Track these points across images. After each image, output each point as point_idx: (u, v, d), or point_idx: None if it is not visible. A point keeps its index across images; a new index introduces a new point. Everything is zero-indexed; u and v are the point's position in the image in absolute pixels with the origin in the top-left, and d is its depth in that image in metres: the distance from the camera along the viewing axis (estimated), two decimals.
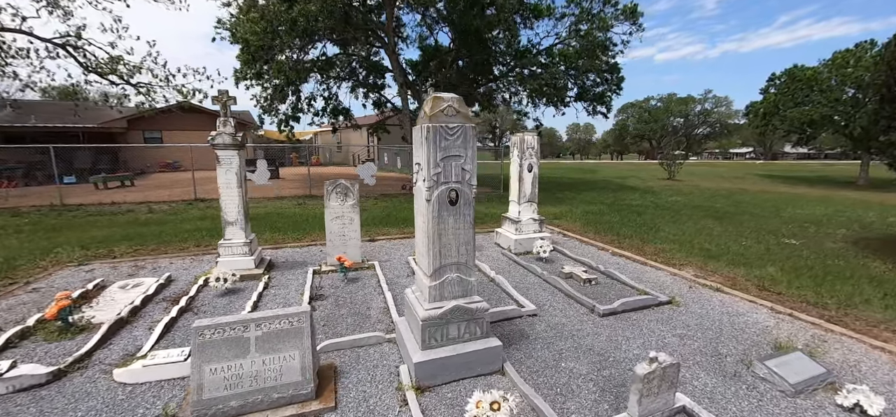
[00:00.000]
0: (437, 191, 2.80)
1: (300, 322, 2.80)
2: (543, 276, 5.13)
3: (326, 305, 4.36)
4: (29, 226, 8.32)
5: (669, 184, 20.48)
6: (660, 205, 12.42)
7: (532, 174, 6.45)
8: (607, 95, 17.34)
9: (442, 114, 2.75)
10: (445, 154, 2.77)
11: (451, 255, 2.91)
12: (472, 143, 2.82)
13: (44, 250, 6.35)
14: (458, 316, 2.92)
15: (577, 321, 3.93)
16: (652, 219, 9.52)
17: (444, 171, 2.79)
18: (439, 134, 2.73)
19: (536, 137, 6.39)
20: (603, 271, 5.38)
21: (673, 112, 65.71)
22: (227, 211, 5.15)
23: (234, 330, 2.71)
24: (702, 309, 4.25)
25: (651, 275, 5.38)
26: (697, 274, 5.39)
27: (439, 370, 2.85)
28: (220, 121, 4.95)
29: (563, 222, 9.27)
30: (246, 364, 2.66)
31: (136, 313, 4.13)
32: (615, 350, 3.37)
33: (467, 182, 2.86)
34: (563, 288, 4.66)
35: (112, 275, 5.34)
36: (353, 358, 3.28)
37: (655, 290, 4.71)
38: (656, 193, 15.88)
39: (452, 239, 2.90)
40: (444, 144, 2.75)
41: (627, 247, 6.82)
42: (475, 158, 2.86)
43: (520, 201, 6.47)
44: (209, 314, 4.20)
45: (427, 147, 2.73)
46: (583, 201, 13.18)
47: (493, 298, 4.50)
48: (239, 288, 4.82)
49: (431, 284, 2.91)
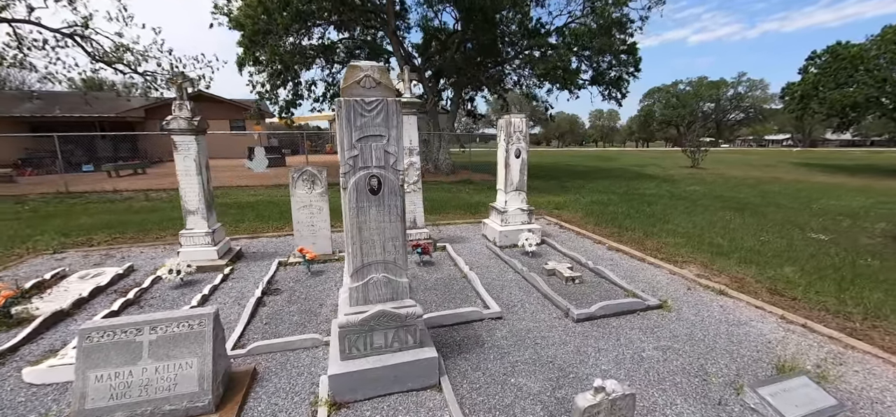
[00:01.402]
0: (353, 177, 2.38)
1: (201, 325, 2.47)
2: (522, 273, 4.65)
3: (278, 301, 4.05)
4: (28, 213, 8.45)
5: (692, 172, 19.27)
6: (676, 194, 11.56)
7: (520, 160, 5.91)
8: (624, 79, 16.32)
9: (357, 86, 2.31)
10: (362, 134, 2.34)
11: (375, 252, 2.50)
12: (396, 121, 2.37)
13: (26, 237, 6.34)
14: (384, 322, 2.51)
15: (545, 326, 3.45)
16: (662, 210, 8.78)
17: (361, 154, 2.36)
18: (353, 110, 2.30)
19: (524, 120, 5.84)
20: (592, 268, 4.85)
21: (703, 96, 62.35)
22: (186, 200, 4.90)
23: (126, 334, 2.40)
24: (697, 315, 3.68)
25: (647, 274, 4.81)
26: (700, 274, 4.78)
27: (360, 384, 2.46)
28: (176, 104, 4.66)
29: (565, 212, 8.67)
30: (136, 372, 2.35)
31: (80, 306, 3.93)
32: (580, 365, 2.89)
33: (392, 167, 2.42)
34: (540, 287, 4.17)
35: (82, 264, 5.22)
36: (280, 363, 2.94)
37: (647, 292, 4.16)
38: (674, 182, 14.89)
39: (376, 234, 2.48)
40: (360, 122, 2.32)
41: (627, 241, 6.22)
42: (401, 139, 2.41)
43: (506, 190, 5.96)
44: (155, 307, 3.97)
45: (340, 126, 2.30)
46: (592, 190, 12.45)
47: (459, 297, 4.07)
48: (196, 279, 4.57)
49: (353, 285, 2.51)
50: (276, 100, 13.58)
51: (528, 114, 7.54)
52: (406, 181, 5.52)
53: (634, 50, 15.16)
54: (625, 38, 15.01)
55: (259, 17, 10.49)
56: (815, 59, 23.07)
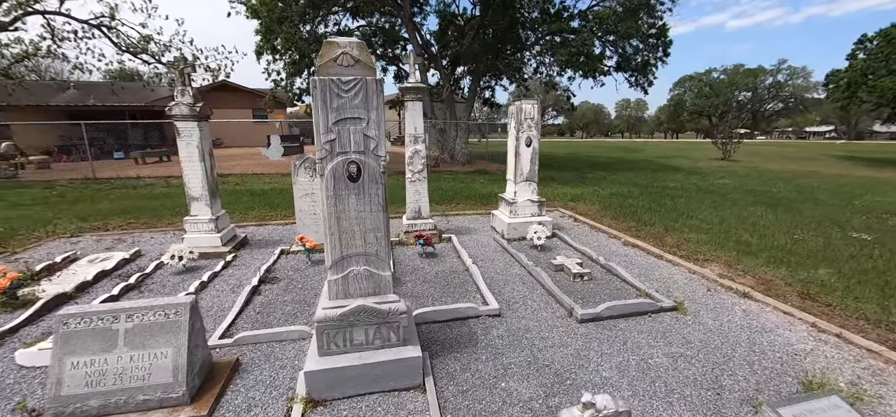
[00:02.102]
0: (331, 163, 2.22)
1: (178, 315, 2.39)
2: (527, 267, 4.42)
3: (274, 290, 3.98)
4: (55, 198, 8.81)
5: (723, 164, 18.28)
6: (703, 188, 10.93)
7: (531, 149, 5.63)
8: (651, 65, 15.50)
9: (334, 65, 2.14)
10: (339, 116, 2.17)
11: (354, 244, 2.34)
12: (376, 103, 2.19)
13: (47, 221, 6.57)
14: (364, 317, 2.36)
15: (546, 326, 3.23)
16: (686, 204, 8.28)
17: (339, 139, 2.19)
18: (329, 90, 2.12)
19: (536, 106, 5.54)
20: (603, 264, 4.56)
21: (738, 85, 59.14)
22: (190, 186, 4.91)
23: (103, 321, 2.35)
24: (716, 320, 3.37)
25: (663, 272, 4.48)
26: (723, 274, 4.41)
27: (339, 381, 2.33)
28: (178, 90, 4.64)
29: (581, 205, 8.31)
30: (112, 360, 2.30)
31: (83, 289, 3.99)
32: (579, 370, 2.66)
33: (372, 152, 2.25)
34: (545, 284, 3.94)
35: (94, 248, 5.34)
36: (264, 354, 2.85)
37: (662, 292, 3.86)
38: (703, 175, 14.13)
39: (356, 225, 2.32)
40: (336, 104, 2.15)
41: (645, 236, 5.86)
42: (382, 122, 2.23)
43: (516, 180, 5.70)
44: (155, 292, 3.98)
45: (316, 107, 2.14)
46: (613, 182, 11.94)
47: (458, 291, 3.89)
48: (198, 266, 4.58)
49: (332, 278, 2.37)
50: (291, 89, 13.64)
51: (551, 103, 7.15)
52: (411, 169, 5.36)
53: (664, 32, 14.35)
54: (654, 21, 14.22)
55: (275, 4, 10.48)
56: (864, 44, 21.33)
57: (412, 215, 5.55)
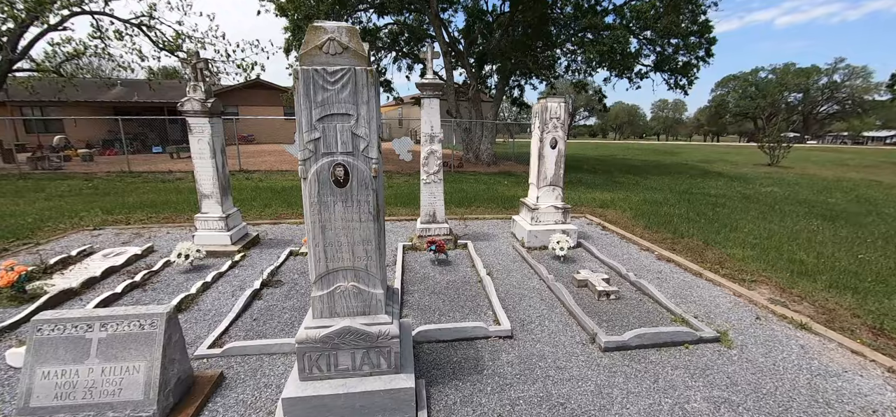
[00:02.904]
0: (315, 165, 1.95)
1: (153, 326, 2.20)
2: (547, 281, 4.03)
3: (276, 294, 3.80)
4: (89, 190, 9.16)
5: (770, 170, 16.92)
6: (748, 196, 10.03)
7: (556, 151, 5.21)
8: (692, 65, 14.50)
9: (319, 53, 1.87)
10: (325, 112, 1.89)
11: (341, 257, 2.07)
12: (367, 96, 1.90)
13: (74, 213, 6.77)
14: (350, 340, 2.09)
15: (564, 353, 2.85)
16: (730, 215, 7.56)
17: (324, 138, 1.92)
18: (313, 82, 1.86)
19: (563, 105, 5.12)
20: (632, 281, 4.10)
21: (788, 86, 55.24)
22: (201, 183, 4.83)
23: (76, 329, 2.20)
24: (768, 357, 2.87)
25: (703, 293, 3.97)
26: (774, 299, 3.85)
27: (319, 411, 2.07)
28: (191, 85, 4.56)
29: (611, 211, 7.76)
30: (83, 372, 2.14)
31: (90, 285, 3.96)
32: (600, 412, 2.28)
33: (363, 154, 1.96)
34: (565, 301, 3.54)
35: (112, 242, 5.40)
36: (252, 368, 2.64)
37: (701, 318, 3.38)
38: (748, 181, 13.06)
39: (343, 235, 2.04)
40: (321, 97, 1.88)
41: (682, 250, 5.30)
42: (374, 119, 1.94)
43: (539, 184, 5.29)
44: (159, 291, 3.89)
45: (298, 101, 1.88)
46: (647, 187, 11.21)
47: (468, 306, 3.56)
48: (205, 264, 4.49)
49: (316, 294, 2.10)
50: None
51: (583, 103, 6.68)
52: (427, 171, 5.08)
53: (707, 29, 13.36)
54: (696, 17, 13.28)
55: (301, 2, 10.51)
56: None
57: (426, 219, 5.26)
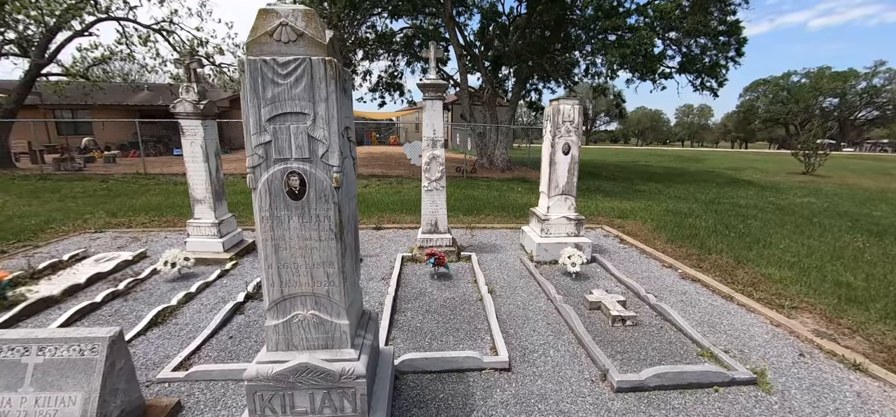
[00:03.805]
0: (265, 173, 1.65)
1: (94, 351, 1.95)
2: (555, 302, 3.63)
3: (259, 308, 3.54)
4: (102, 192, 9.25)
5: (805, 180, 15.87)
6: (782, 207, 9.30)
7: (569, 157, 4.81)
8: (720, 66, 13.74)
9: (269, 40, 1.57)
10: (276, 110, 1.59)
11: (298, 281, 1.76)
12: (325, 93, 1.59)
13: (78, 215, 6.76)
14: (309, 378, 1.77)
15: (569, 393, 2.46)
16: (763, 228, 6.93)
17: (276, 141, 1.62)
18: (262, 75, 1.56)
19: (577, 107, 4.71)
20: (652, 304, 3.65)
21: (824, 90, 52.52)
22: (194, 188, 4.65)
23: (12, 352, 1.96)
24: (816, 407, 2.41)
25: (735, 321, 3.49)
26: (820, 330, 3.34)
27: None
28: (183, 86, 4.39)
29: (630, 222, 7.25)
30: (15, 401, 1.90)
31: (73, 293, 3.80)
32: None
33: (322, 160, 1.65)
34: (574, 327, 3.14)
35: (108, 245, 5.30)
36: (215, 397, 2.36)
37: (734, 353, 2.93)
38: (781, 191, 12.21)
39: (300, 256, 1.73)
40: (271, 93, 1.58)
41: (709, 268, 4.80)
42: (336, 120, 1.62)
43: (550, 193, 4.89)
44: (141, 301, 3.70)
45: (244, 97, 1.59)
46: (670, 196, 10.58)
47: (464, 328, 3.21)
48: (194, 273, 4.29)
49: (270, 323, 1.80)
50: None
51: (603, 108, 6.30)
52: (428, 177, 4.77)
53: (737, 29, 12.61)
54: (725, 17, 12.56)
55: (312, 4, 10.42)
56: None
57: (428, 228, 4.94)
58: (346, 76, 1.75)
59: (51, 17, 12.92)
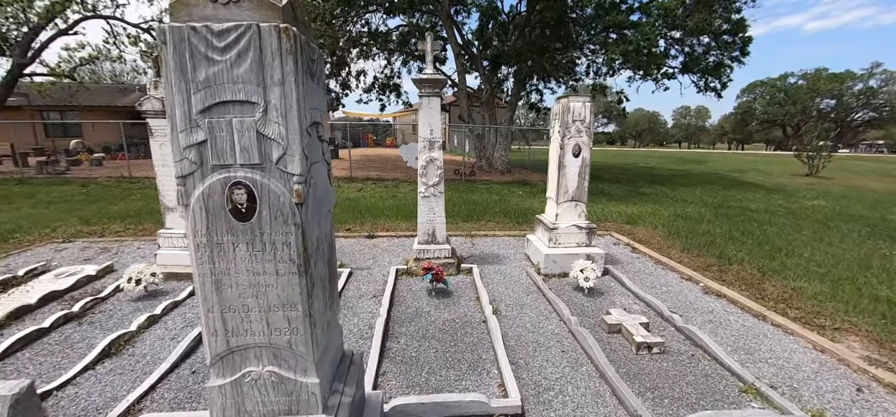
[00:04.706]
0: (200, 185, 1.21)
1: None
2: (569, 324, 3.20)
3: None
4: (80, 196, 8.75)
5: (810, 181, 15.55)
6: (794, 211, 8.92)
7: (579, 160, 4.39)
8: (725, 66, 13.41)
9: (202, 1, 1.13)
10: (212, 99, 1.15)
11: (250, 328, 1.32)
12: (281, 73, 1.15)
13: (48, 222, 6.28)
14: None
15: None
16: (780, 233, 6.54)
17: (213, 141, 1.18)
18: (191, 48, 1.12)
19: (588, 105, 4.30)
20: (678, 325, 3.23)
21: (821, 91, 52.51)
22: (164, 195, 4.20)
23: None
24: None
25: (774, 346, 3.07)
26: (872, 357, 2.92)
27: None
28: (151, 82, 3.94)
29: (640, 227, 6.84)
30: None
31: (19, 316, 3.33)
32: None
33: (278, 167, 1.21)
34: (596, 359, 2.71)
35: (74, 258, 4.83)
36: None
37: (781, 388, 2.51)
38: (789, 194, 11.86)
39: (251, 296, 1.29)
40: (205, 74, 1.14)
41: (733, 280, 4.38)
42: (296, 110, 1.18)
43: (558, 199, 4.47)
44: (99, 325, 3.24)
45: (167, 81, 1.15)
46: (677, 200, 10.19)
47: (467, 358, 2.77)
48: (162, 290, 3.83)
49: (214, 384, 1.36)
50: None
51: (601, 109, 5.92)
52: (425, 182, 4.33)
53: (742, 27, 12.29)
54: (729, 15, 12.24)
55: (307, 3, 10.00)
56: None
57: (425, 238, 4.50)
58: (312, 53, 1.31)
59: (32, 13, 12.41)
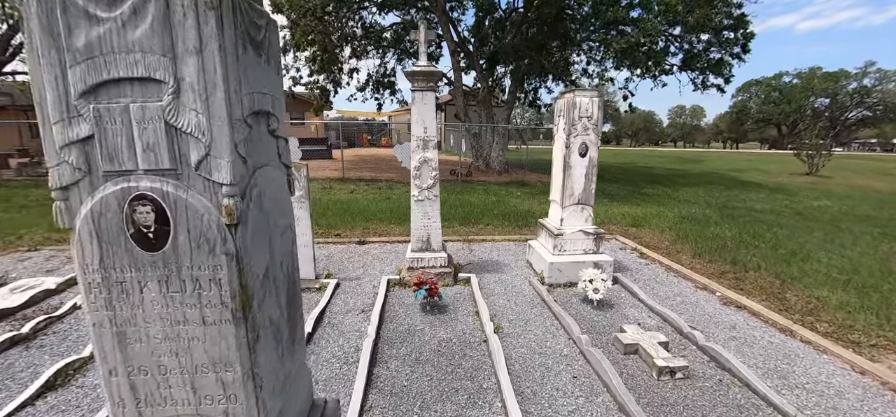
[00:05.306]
0: (88, 201, 0.85)
1: None
2: (579, 344, 2.86)
3: None
4: None
5: (811, 181, 15.35)
6: (801, 212, 8.66)
7: (586, 160, 4.05)
8: (726, 63, 13.15)
9: None
10: (99, 75, 0.79)
11: (170, 396, 0.96)
12: (198, 35, 0.79)
13: (18, 227, 5.86)
14: None
15: None
16: (791, 236, 6.24)
17: (102, 136, 0.82)
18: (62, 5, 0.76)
19: (595, 101, 3.96)
20: (701, 344, 2.89)
21: (815, 90, 52.70)
22: None
23: None
24: None
25: (808, 367, 2.74)
26: None
27: None
28: None
29: (646, 230, 6.52)
30: None
31: None
32: None
33: (200, 173, 0.85)
34: (614, 388, 2.37)
35: (37, 269, 4.43)
36: None
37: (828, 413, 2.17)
38: (792, 193, 11.62)
39: (168, 351, 0.93)
40: (85, 39, 0.77)
41: (752, 289, 4.06)
42: (221, 88, 0.83)
43: (564, 203, 4.13)
44: (50, 348, 2.87)
45: (31, 51, 0.78)
46: (680, 200, 9.90)
47: (466, 386, 2.42)
48: None
49: None
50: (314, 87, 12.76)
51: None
52: (419, 184, 3.98)
53: (744, 23, 12.03)
54: (730, 10, 11.98)
55: None
56: None
57: (419, 246, 4.14)
58: (256, 16, 0.95)
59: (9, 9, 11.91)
